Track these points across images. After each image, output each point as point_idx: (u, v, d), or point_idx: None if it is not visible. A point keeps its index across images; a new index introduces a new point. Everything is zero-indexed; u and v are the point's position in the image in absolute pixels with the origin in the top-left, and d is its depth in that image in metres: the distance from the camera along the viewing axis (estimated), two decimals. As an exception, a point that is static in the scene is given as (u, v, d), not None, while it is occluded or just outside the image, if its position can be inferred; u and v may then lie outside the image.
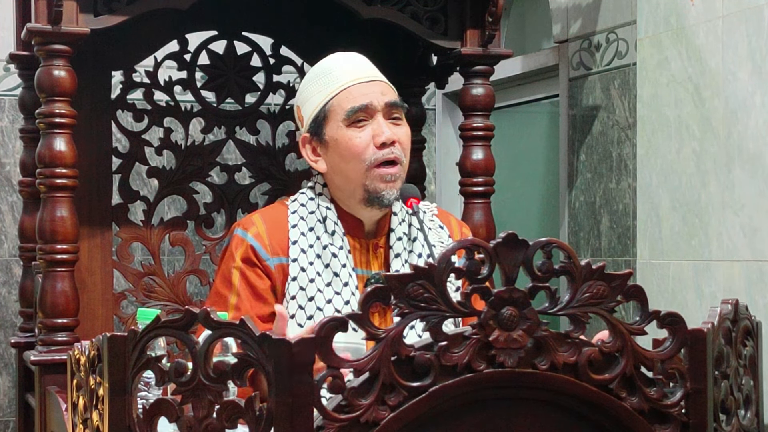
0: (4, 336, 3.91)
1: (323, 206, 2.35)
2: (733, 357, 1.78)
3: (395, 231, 2.37)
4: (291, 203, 2.38)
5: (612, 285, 1.64)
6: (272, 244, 2.31)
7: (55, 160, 2.60)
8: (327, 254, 2.31)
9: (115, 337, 1.58)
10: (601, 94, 3.47)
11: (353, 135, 2.31)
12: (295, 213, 2.35)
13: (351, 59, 2.40)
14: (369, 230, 2.37)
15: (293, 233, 2.32)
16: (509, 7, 4.21)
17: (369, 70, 2.38)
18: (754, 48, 2.78)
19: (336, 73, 2.35)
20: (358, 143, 2.30)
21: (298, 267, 2.30)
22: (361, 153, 2.30)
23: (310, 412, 1.53)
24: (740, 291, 2.77)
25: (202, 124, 3.21)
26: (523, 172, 4.31)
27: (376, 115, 2.31)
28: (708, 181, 2.92)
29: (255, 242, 2.31)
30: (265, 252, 2.31)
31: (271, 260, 2.31)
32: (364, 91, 2.32)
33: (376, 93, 2.32)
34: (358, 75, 2.34)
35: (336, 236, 2.32)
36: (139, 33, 3.01)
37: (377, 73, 2.38)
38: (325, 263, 2.30)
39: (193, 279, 3.35)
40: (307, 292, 2.28)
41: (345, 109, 2.31)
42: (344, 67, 2.37)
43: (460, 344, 1.59)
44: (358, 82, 2.33)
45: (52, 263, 2.61)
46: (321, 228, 2.33)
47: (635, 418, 1.66)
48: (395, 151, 2.30)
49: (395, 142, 2.30)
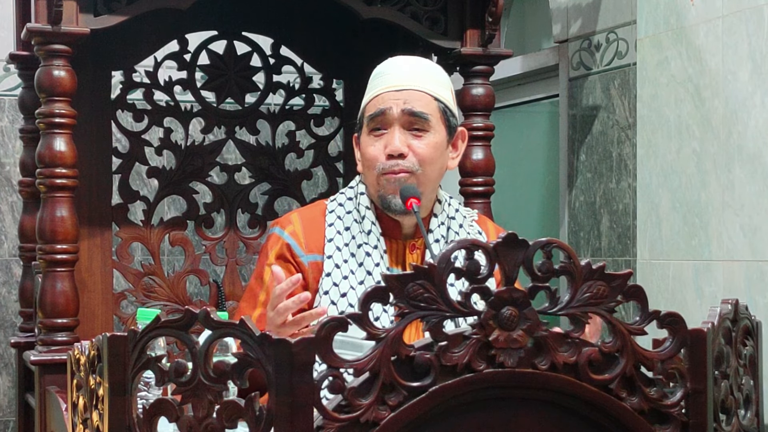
0: (4, 336, 3.91)
1: (363, 205, 2.34)
2: (733, 357, 1.78)
3: (434, 233, 2.35)
4: (330, 203, 2.39)
5: (612, 285, 1.64)
6: (308, 242, 2.32)
7: (55, 160, 2.60)
8: (361, 253, 2.30)
9: (115, 337, 1.58)
10: (601, 94, 3.47)
11: (369, 143, 2.30)
12: (332, 212, 2.36)
13: (399, 65, 2.36)
14: (407, 232, 2.36)
15: (329, 231, 2.33)
16: (509, 7, 4.21)
17: (407, 77, 2.32)
18: (754, 48, 2.78)
19: (381, 78, 2.33)
20: (371, 151, 2.30)
21: (332, 263, 2.30)
22: (373, 161, 2.29)
23: (310, 412, 1.53)
24: (740, 291, 2.77)
25: (202, 124, 3.21)
26: (523, 172, 4.31)
27: (393, 123, 2.28)
28: (708, 181, 2.92)
29: (291, 240, 2.32)
30: (300, 249, 2.32)
31: (305, 257, 2.31)
32: (389, 98, 2.29)
33: (399, 101, 2.28)
34: (394, 82, 2.31)
35: (372, 236, 2.32)
36: (139, 33, 3.01)
37: (418, 82, 2.32)
38: (359, 262, 2.30)
39: (193, 279, 3.35)
40: (339, 289, 2.28)
41: (367, 115, 2.31)
42: (389, 72, 2.34)
43: (460, 344, 1.59)
44: (389, 90, 2.30)
45: (52, 263, 2.61)
46: (357, 227, 2.33)
47: (635, 418, 1.66)
48: (401, 164, 2.27)
49: (403, 154, 2.27)
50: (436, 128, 2.32)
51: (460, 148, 2.40)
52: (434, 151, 2.32)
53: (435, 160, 2.32)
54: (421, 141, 2.30)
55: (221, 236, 3.15)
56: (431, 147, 2.31)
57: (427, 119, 2.30)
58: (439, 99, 2.33)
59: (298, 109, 3.31)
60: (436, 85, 2.34)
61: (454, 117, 2.37)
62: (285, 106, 3.29)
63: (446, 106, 2.34)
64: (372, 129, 2.30)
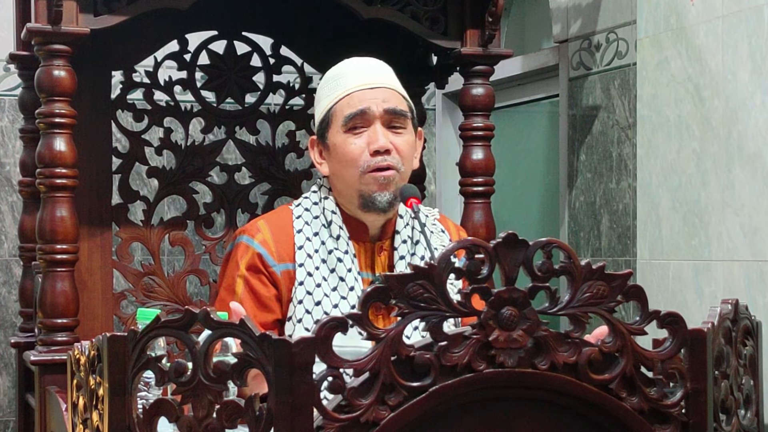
0: (4, 336, 3.91)
1: (328, 210, 2.34)
2: (733, 357, 1.78)
3: (400, 233, 2.36)
4: (295, 208, 2.37)
5: (612, 285, 1.64)
6: (278, 250, 2.30)
7: (55, 160, 2.60)
8: (332, 259, 2.30)
9: (115, 337, 1.58)
10: (601, 94, 3.47)
11: (349, 141, 2.30)
12: (299, 218, 2.34)
13: (362, 65, 2.38)
14: (373, 234, 2.36)
15: (299, 238, 2.31)
16: (509, 7, 4.21)
17: (378, 76, 2.35)
18: (754, 48, 2.78)
19: (344, 78, 2.34)
20: (352, 149, 2.29)
21: (304, 272, 2.28)
22: (356, 159, 2.29)
23: (310, 412, 1.53)
24: (740, 291, 2.77)
25: (202, 124, 3.21)
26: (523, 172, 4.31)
27: (374, 122, 2.29)
28: (708, 181, 2.92)
29: (262, 249, 2.30)
30: (271, 259, 2.30)
31: (277, 266, 2.29)
32: (365, 97, 2.30)
33: (377, 100, 2.30)
34: (363, 81, 2.32)
35: (341, 240, 2.31)
36: (139, 33, 3.01)
37: (386, 80, 2.35)
38: (331, 268, 2.29)
39: (193, 279, 3.35)
40: (314, 297, 2.27)
41: (344, 115, 2.30)
42: (353, 72, 2.35)
43: (460, 344, 1.58)
44: (361, 89, 2.31)
45: (52, 263, 2.61)
46: (326, 232, 2.32)
47: (635, 418, 1.66)
48: (388, 159, 2.28)
49: (389, 150, 2.28)
50: (409, 126, 2.35)
51: (418, 148, 2.42)
52: (411, 148, 2.35)
53: (411, 158, 2.36)
54: (401, 138, 2.32)
55: (221, 236, 3.15)
56: (410, 144, 2.34)
57: (407, 116, 2.33)
58: (406, 98, 2.36)
59: (298, 109, 3.30)
60: (398, 84, 2.38)
61: (416, 117, 2.40)
62: (285, 106, 3.29)
63: (411, 104, 2.38)
64: (350, 127, 2.30)
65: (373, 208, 2.30)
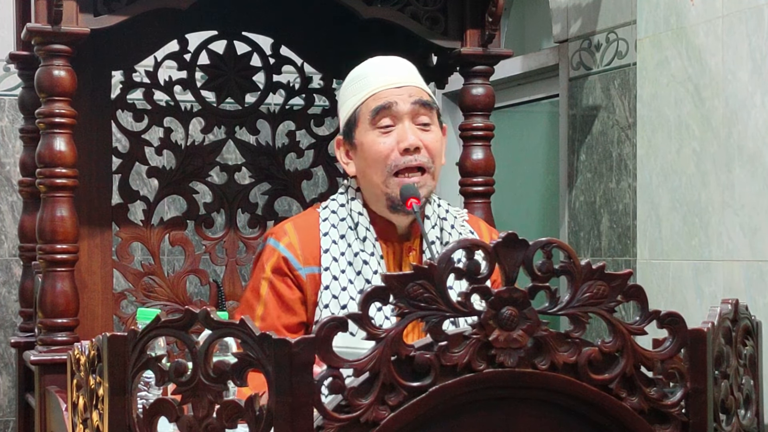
0: (4, 336, 3.91)
1: (355, 211, 2.32)
2: (733, 357, 1.78)
3: (428, 235, 2.32)
4: (322, 210, 2.36)
5: (612, 285, 1.64)
6: (304, 253, 2.29)
7: (55, 160, 2.60)
8: (358, 261, 2.28)
9: (115, 337, 1.58)
10: (601, 94, 3.47)
11: (378, 140, 2.28)
12: (326, 220, 2.33)
13: (386, 64, 2.37)
14: (402, 233, 2.34)
15: (325, 241, 2.30)
16: (509, 7, 4.21)
17: (402, 75, 2.34)
18: (754, 48, 2.78)
19: (369, 78, 2.32)
20: (381, 148, 2.27)
21: (330, 275, 2.27)
22: (385, 158, 2.27)
23: (310, 412, 1.53)
24: (740, 291, 2.77)
25: (202, 124, 3.21)
26: (523, 172, 4.31)
27: (402, 119, 2.28)
28: (708, 181, 2.92)
29: (287, 252, 2.29)
30: (297, 262, 2.29)
31: (303, 270, 2.29)
32: (392, 93, 2.29)
33: (403, 95, 2.29)
34: (389, 80, 2.31)
35: (367, 242, 2.30)
36: (139, 33, 3.01)
37: (411, 79, 2.34)
38: (357, 271, 2.28)
39: (193, 279, 3.35)
40: (339, 301, 2.26)
41: (370, 109, 2.28)
42: (378, 71, 2.33)
43: (460, 344, 1.59)
44: (387, 87, 2.30)
45: (52, 263, 2.61)
46: (352, 235, 2.30)
47: (635, 418, 1.66)
48: (419, 158, 2.26)
49: (419, 148, 2.27)
50: (436, 122, 2.33)
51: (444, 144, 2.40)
52: (440, 145, 2.33)
53: (441, 155, 2.33)
54: (429, 135, 2.30)
55: (221, 236, 3.15)
56: (438, 141, 2.32)
57: (434, 108, 2.31)
58: (431, 95, 2.35)
59: (298, 109, 3.30)
60: (424, 85, 2.37)
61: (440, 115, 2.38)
62: (285, 106, 3.29)
63: (436, 102, 2.36)
64: (377, 125, 2.28)
65: (401, 211, 2.28)
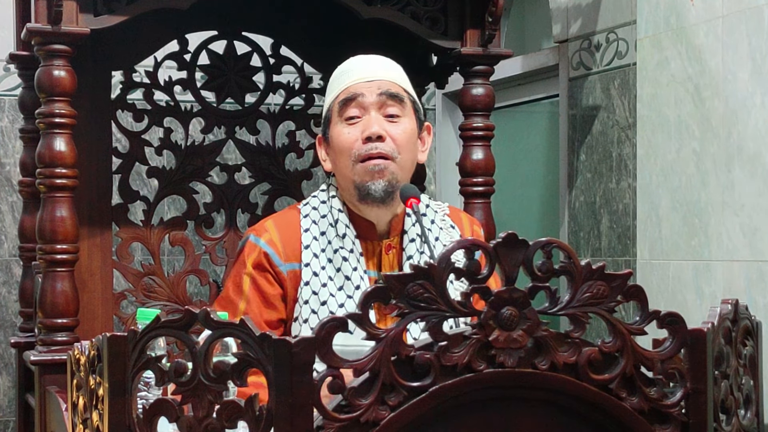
0: (4, 336, 3.91)
1: (335, 209, 2.33)
2: (733, 357, 1.78)
3: (408, 233, 2.34)
4: (303, 207, 2.37)
5: (612, 285, 1.64)
6: (285, 250, 2.30)
7: (55, 160, 2.60)
8: (338, 258, 2.29)
9: (115, 337, 1.58)
10: (601, 94, 3.47)
11: (344, 130, 2.30)
12: (307, 217, 2.34)
13: (364, 61, 2.38)
14: (381, 231, 2.35)
15: (305, 237, 2.31)
16: (509, 7, 4.21)
17: (377, 70, 2.35)
18: (754, 48, 2.78)
19: (346, 76, 2.35)
20: (346, 137, 2.29)
21: (310, 271, 2.28)
22: (349, 148, 2.29)
23: (310, 412, 1.53)
24: (740, 291, 2.77)
25: (202, 124, 3.21)
26: (523, 172, 4.32)
27: (369, 110, 2.30)
28: (708, 181, 2.92)
29: (268, 248, 2.30)
30: (278, 258, 2.30)
31: (284, 266, 2.30)
32: (362, 86, 2.31)
33: (372, 88, 2.31)
34: (362, 75, 2.33)
35: (347, 239, 2.31)
36: (139, 33, 3.01)
37: (386, 74, 2.35)
38: (336, 267, 2.29)
39: (193, 279, 3.34)
40: (319, 297, 2.27)
41: (338, 102, 2.32)
42: (354, 68, 2.36)
43: (460, 344, 1.58)
44: (358, 81, 2.32)
45: (52, 263, 2.61)
46: (332, 232, 2.32)
47: (635, 418, 1.66)
48: (380, 147, 2.27)
49: (382, 137, 2.27)
50: (409, 115, 2.34)
51: (427, 143, 2.41)
52: (410, 137, 2.33)
53: (410, 148, 2.33)
54: (397, 126, 2.31)
55: (221, 236, 3.14)
56: (407, 133, 2.32)
57: (403, 100, 2.32)
58: (408, 92, 2.35)
59: (298, 109, 3.30)
60: (402, 80, 2.37)
61: (421, 111, 2.39)
62: (285, 106, 3.28)
63: (415, 99, 2.37)
64: (345, 117, 2.30)
65: (369, 198, 2.29)
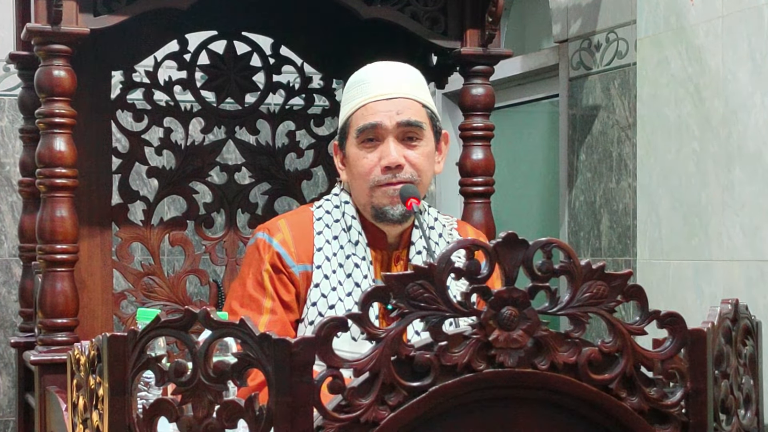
0: (4, 336, 3.91)
1: (348, 215, 2.32)
2: (733, 356, 1.78)
3: (415, 245, 2.33)
4: (316, 209, 2.35)
5: (612, 285, 1.64)
6: (297, 251, 2.29)
7: (55, 160, 2.60)
8: (349, 264, 2.28)
9: (115, 337, 1.58)
10: (601, 93, 3.47)
11: (362, 155, 2.28)
12: (320, 220, 2.33)
13: (382, 72, 2.34)
14: (392, 242, 2.34)
15: (318, 240, 2.30)
16: (509, 7, 4.21)
17: (396, 85, 2.30)
18: (754, 48, 2.78)
19: (364, 86, 2.31)
20: (364, 163, 2.28)
21: (321, 274, 2.27)
22: (367, 174, 2.27)
23: (310, 412, 1.53)
24: (740, 291, 2.77)
25: (202, 124, 3.21)
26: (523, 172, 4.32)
27: (387, 136, 2.27)
28: (708, 181, 2.92)
29: (281, 249, 2.28)
30: (290, 259, 2.28)
31: (296, 267, 2.28)
32: (378, 109, 2.27)
33: (391, 112, 2.27)
34: (381, 91, 2.29)
35: (359, 246, 2.30)
36: (139, 33, 3.01)
37: (405, 89, 2.31)
38: (347, 273, 2.28)
39: (193, 279, 3.35)
40: (328, 300, 2.26)
41: (356, 127, 2.28)
42: (373, 80, 2.31)
43: (460, 344, 1.58)
44: (377, 99, 2.28)
45: (52, 263, 2.61)
46: (345, 237, 2.31)
47: (635, 418, 1.66)
48: (399, 176, 2.26)
49: (401, 165, 2.26)
50: (428, 136, 2.32)
51: (444, 152, 2.39)
52: (428, 159, 2.32)
53: (429, 167, 2.32)
54: (416, 151, 2.29)
55: (221, 236, 3.15)
56: (426, 156, 2.31)
57: (422, 128, 2.29)
58: (427, 105, 2.33)
59: (298, 109, 3.31)
60: (420, 91, 2.34)
61: (439, 121, 2.37)
62: (285, 106, 3.29)
63: (433, 111, 2.34)
64: (363, 141, 2.28)
65: (385, 220, 2.29)
